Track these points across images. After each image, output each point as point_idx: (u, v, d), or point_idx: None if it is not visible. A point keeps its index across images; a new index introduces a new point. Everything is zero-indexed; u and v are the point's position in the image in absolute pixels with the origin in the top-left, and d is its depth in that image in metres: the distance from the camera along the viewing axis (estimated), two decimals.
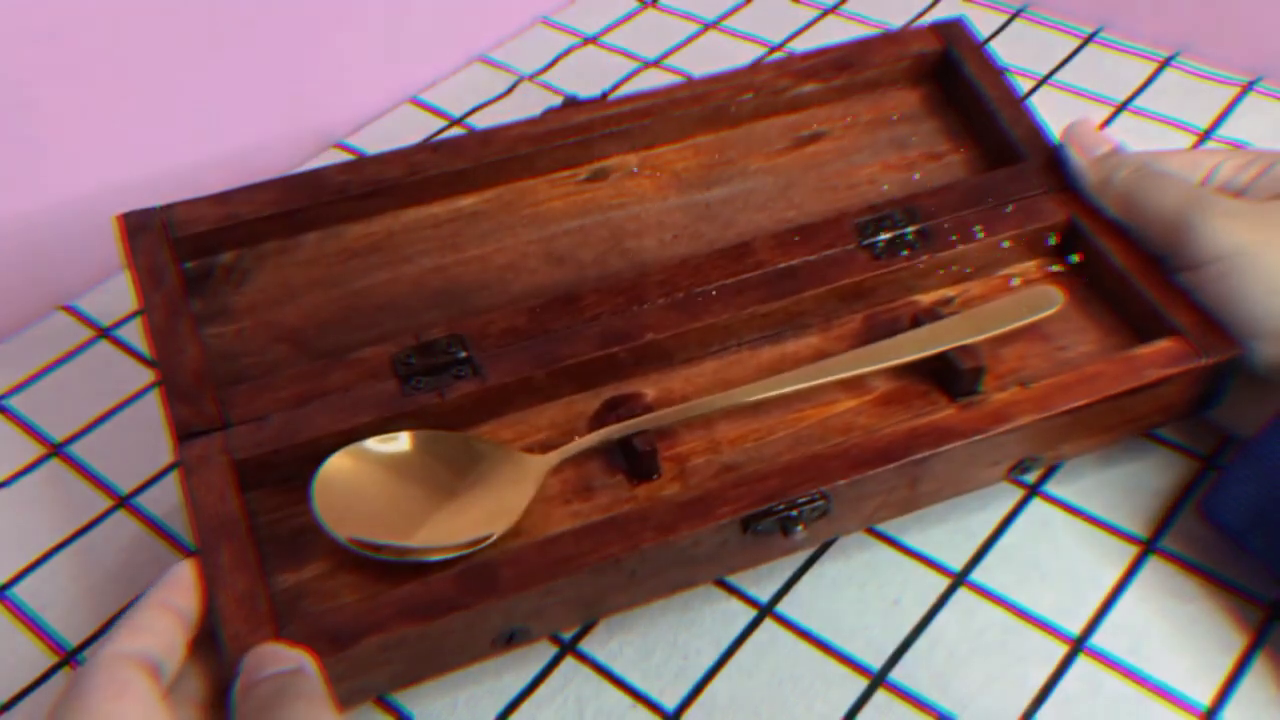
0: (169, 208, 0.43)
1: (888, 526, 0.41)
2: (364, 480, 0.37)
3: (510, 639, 0.36)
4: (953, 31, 0.50)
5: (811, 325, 0.43)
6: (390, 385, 0.39)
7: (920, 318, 0.42)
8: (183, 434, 0.38)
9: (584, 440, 0.38)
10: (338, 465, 0.37)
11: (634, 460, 0.39)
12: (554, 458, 0.38)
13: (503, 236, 0.45)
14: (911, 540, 0.41)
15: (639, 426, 0.39)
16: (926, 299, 0.44)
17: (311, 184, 0.44)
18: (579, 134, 0.46)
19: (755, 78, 0.48)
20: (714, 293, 0.42)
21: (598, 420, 0.40)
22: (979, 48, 0.49)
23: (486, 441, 0.39)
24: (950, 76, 0.50)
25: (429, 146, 0.45)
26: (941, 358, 0.40)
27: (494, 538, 0.36)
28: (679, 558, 0.36)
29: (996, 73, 0.49)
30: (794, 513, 0.36)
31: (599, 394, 0.41)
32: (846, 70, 0.49)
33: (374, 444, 0.38)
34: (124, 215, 0.43)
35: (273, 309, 0.43)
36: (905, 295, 0.44)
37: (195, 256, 0.43)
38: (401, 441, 0.38)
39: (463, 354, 0.39)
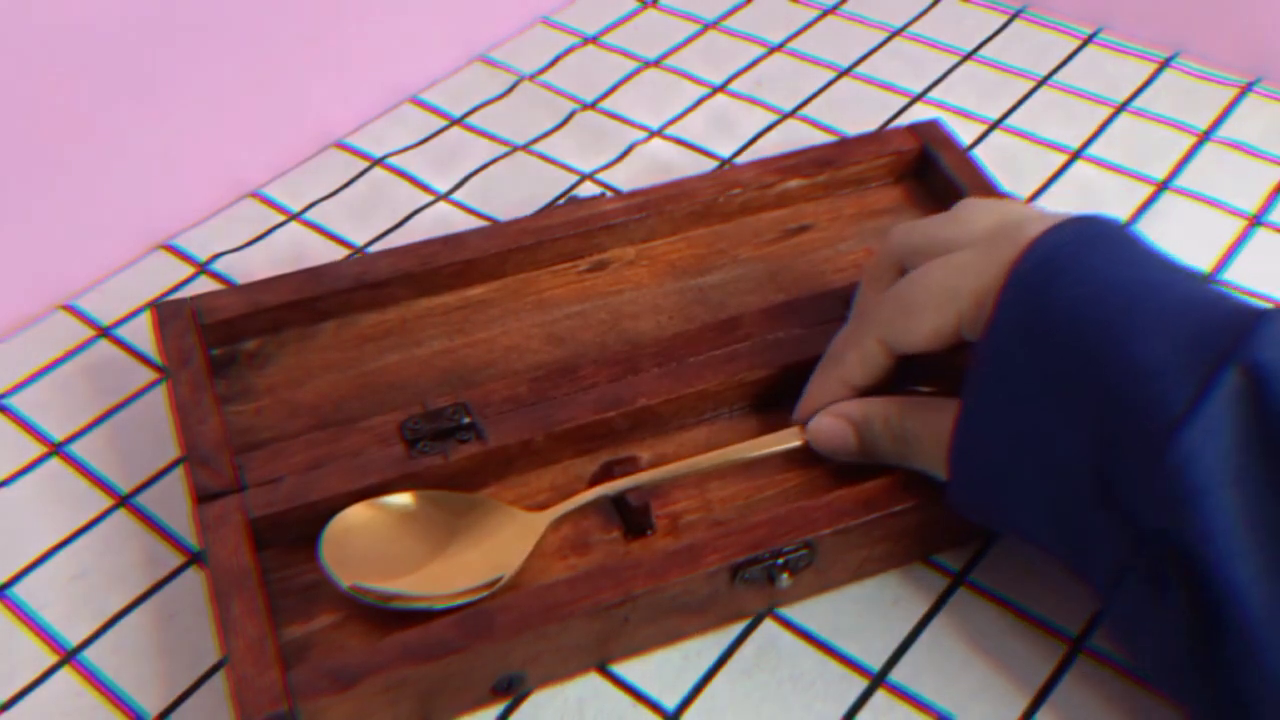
0: (198, 298, 0.46)
1: None
2: (370, 534, 0.39)
3: (509, 686, 0.37)
4: (930, 131, 0.53)
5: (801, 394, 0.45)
6: (398, 449, 0.41)
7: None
8: (202, 496, 0.40)
9: (580, 497, 0.40)
10: (346, 519, 0.39)
11: (628, 516, 0.40)
12: (552, 514, 0.40)
13: (508, 321, 0.48)
14: None
15: (633, 484, 0.40)
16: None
17: (330, 275, 0.47)
18: (580, 227, 0.49)
19: (741, 175, 0.52)
20: (705, 362, 0.44)
21: (595, 482, 0.42)
22: (954, 143, 0.53)
23: (488, 500, 0.41)
24: (929, 172, 0.53)
25: (439, 240, 0.49)
26: None
27: (494, 589, 0.38)
28: (672, 606, 0.38)
29: (972, 166, 0.52)
30: (780, 560, 0.38)
31: (596, 458, 0.43)
32: (829, 167, 0.52)
33: (381, 501, 0.40)
34: (157, 306, 0.46)
35: (291, 389, 0.45)
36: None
37: (221, 344, 0.46)
38: (407, 500, 0.40)
39: (466, 419, 0.42)
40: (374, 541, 0.39)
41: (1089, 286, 0.34)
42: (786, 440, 0.42)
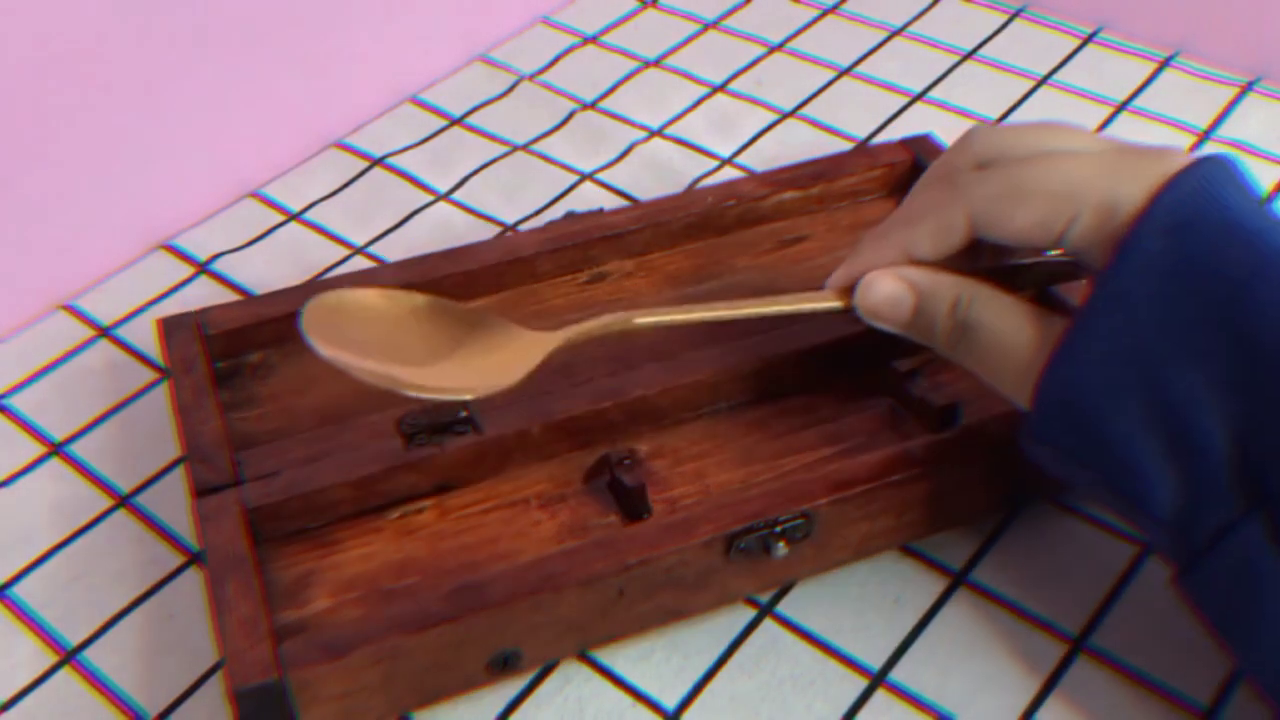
0: (204, 311, 0.46)
1: None
2: (362, 316, 0.37)
3: (504, 663, 0.37)
4: (921, 145, 0.54)
5: (799, 386, 0.45)
6: (395, 443, 0.41)
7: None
8: (201, 490, 0.40)
9: (596, 322, 0.38)
10: (338, 296, 0.36)
11: (625, 500, 0.40)
12: (564, 334, 0.38)
13: None
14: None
15: (656, 322, 0.38)
16: (904, 365, 0.45)
17: (334, 288, 0.47)
18: (579, 239, 0.50)
19: (737, 188, 0.52)
20: (701, 355, 0.44)
21: (593, 475, 0.42)
22: None
23: (499, 317, 0.39)
24: None
25: (440, 254, 0.49)
26: (917, 400, 0.43)
27: (497, 392, 0.36)
28: (667, 579, 0.38)
29: None
30: (776, 529, 0.38)
31: (594, 451, 0.43)
32: (822, 180, 0.52)
33: (381, 290, 0.38)
34: (163, 319, 0.46)
35: (293, 396, 0.46)
36: (887, 360, 0.45)
37: (226, 356, 0.47)
38: (411, 297, 0.38)
39: (463, 414, 0.42)
40: (366, 325, 0.36)
41: (1236, 233, 0.32)
42: (824, 300, 0.39)
